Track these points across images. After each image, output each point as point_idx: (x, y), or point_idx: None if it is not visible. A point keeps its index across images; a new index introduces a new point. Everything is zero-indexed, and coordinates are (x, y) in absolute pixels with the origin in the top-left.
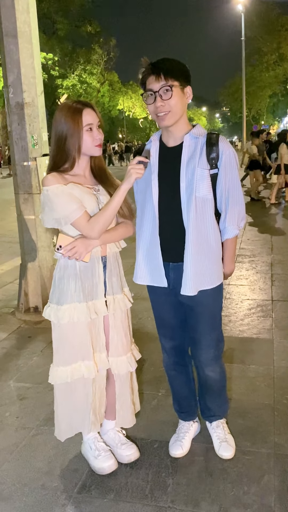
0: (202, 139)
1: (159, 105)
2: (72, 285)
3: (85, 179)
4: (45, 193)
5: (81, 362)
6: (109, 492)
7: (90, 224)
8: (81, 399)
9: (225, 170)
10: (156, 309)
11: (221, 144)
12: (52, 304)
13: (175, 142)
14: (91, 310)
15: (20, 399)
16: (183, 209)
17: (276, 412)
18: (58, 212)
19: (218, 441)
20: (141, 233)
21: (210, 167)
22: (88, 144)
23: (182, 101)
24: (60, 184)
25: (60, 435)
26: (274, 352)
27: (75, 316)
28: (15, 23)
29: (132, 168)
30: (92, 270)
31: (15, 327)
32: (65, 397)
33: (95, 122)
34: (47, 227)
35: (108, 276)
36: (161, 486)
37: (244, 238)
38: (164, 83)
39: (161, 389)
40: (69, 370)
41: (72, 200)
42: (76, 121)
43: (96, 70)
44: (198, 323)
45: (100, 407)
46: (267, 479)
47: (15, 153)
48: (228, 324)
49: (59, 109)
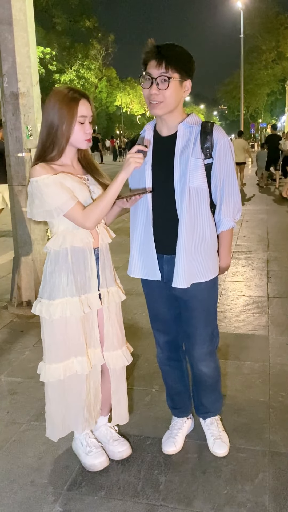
0: (196, 128)
1: (153, 93)
2: (64, 279)
3: (73, 169)
4: (35, 184)
5: (74, 358)
6: (100, 489)
7: (85, 214)
8: (74, 396)
9: (220, 160)
10: (150, 302)
11: (216, 133)
12: (43, 300)
13: (169, 131)
14: (84, 304)
15: (11, 394)
16: (177, 200)
17: (271, 409)
18: (50, 203)
19: (212, 438)
20: (135, 225)
21: (205, 157)
22: (79, 137)
23: (178, 94)
24: (50, 174)
25: (53, 435)
26: (270, 349)
27: (67, 311)
28: (10, 10)
29: (131, 157)
30: (85, 262)
31: (7, 321)
32: (58, 395)
33: (89, 115)
34: (37, 220)
35: (101, 269)
36: (153, 484)
37: (240, 235)
38: (163, 72)
39: (155, 385)
40: (61, 367)
41: (63, 190)
42: (71, 110)
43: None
44: (192, 317)
45: (95, 404)
46: (261, 477)
47: (9, 144)
48: (224, 320)
49: (53, 94)
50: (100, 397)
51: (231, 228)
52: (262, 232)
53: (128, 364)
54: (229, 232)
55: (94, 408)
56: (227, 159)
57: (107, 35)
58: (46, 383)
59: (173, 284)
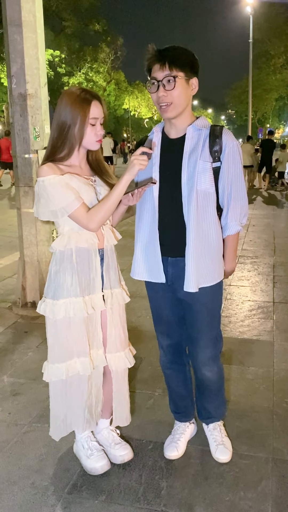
0: (205, 131)
1: (161, 95)
2: (69, 279)
3: (81, 169)
4: (41, 184)
5: (77, 359)
6: (101, 493)
7: (90, 215)
8: (76, 396)
9: (228, 164)
10: (153, 305)
11: (225, 136)
12: (47, 299)
13: (177, 133)
14: (88, 305)
15: (13, 395)
16: (184, 203)
17: (275, 416)
18: (55, 203)
19: (214, 443)
20: (140, 227)
21: (213, 160)
22: (90, 138)
23: (186, 93)
24: (56, 174)
25: (55, 434)
26: (275, 355)
27: (71, 311)
28: (19, 11)
29: (135, 159)
30: (89, 263)
31: (11, 321)
32: (60, 394)
33: (101, 116)
34: (42, 219)
35: (106, 270)
36: (155, 489)
37: (246, 239)
38: (168, 73)
39: (158, 388)
40: (64, 367)
41: (69, 191)
42: (84, 111)
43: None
44: (197, 321)
45: (96, 405)
46: (264, 485)
47: (16, 145)
48: (228, 325)
49: (66, 95)
50: (102, 399)
51: (237, 232)
52: (268, 237)
53: (130, 366)
54: (235, 236)
55: (95, 409)
56: (235, 163)
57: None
58: (49, 382)
59: (185, 288)
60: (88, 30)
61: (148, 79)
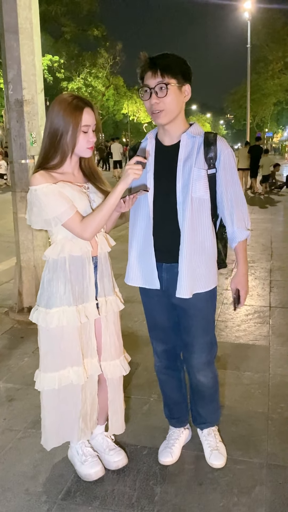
0: (199, 138)
1: (153, 102)
2: (62, 287)
3: (74, 177)
4: (34, 193)
5: (70, 368)
6: (95, 499)
7: (83, 224)
8: (69, 407)
9: (225, 170)
10: (148, 311)
11: (219, 143)
12: (40, 308)
13: (171, 140)
14: (81, 314)
15: (8, 401)
16: (179, 210)
17: (270, 421)
18: (48, 212)
19: (209, 449)
20: (134, 233)
21: (208, 167)
22: (82, 146)
23: (179, 100)
24: (49, 183)
25: (47, 444)
26: (271, 359)
27: (64, 320)
28: (16, 18)
29: (130, 168)
30: (83, 271)
31: (8, 327)
32: (52, 404)
33: (93, 124)
34: (35, 228)
35: (100, 277)
36: (148, 495)
37: None
38: (160, 80)
39: (153, 394)
40: (57, 376)
41: (62, 200)
42: (76, 119)
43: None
44: (191, 326)
45: (91, 414)
46: (258, 490)
47: (13, 150)
48: (224, 330)
49: (57, 102)
50: (97, 408)
51: (246, 239)
52: (266, 241)
53: (126, 374)
54: (244, 244)
55: (90, 418)
56: (232, 169)
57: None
58: (41, 391)
59: (177, 294)
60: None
61: (141, 86)
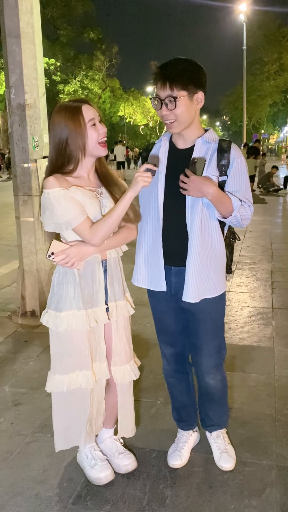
0: (214, 144)
1: (164, 114)
2: (71, 291)
3: (89, 181)
4: (46, 196)
5: (79, 372)
6: (105, 503)
7: (93, 231)
8: (77, 410)
9: (235, 177)
10: (156, 314)
11: (233, 151)
12: (50, 310)
13: (185, 144)
14: (91, 318)
15: (15, 405)
16: (187, 213)
17: (278, 423)
18: (59, 217)
19: (218, 451)
20: (143, 235)
21: (220, 174)
22: (94, 140)
23: (190, 110)
24: (62, 187)
25: (56, 446)
26: (275, 361)
27: (73, 324)
28: (18, 23)
29: (139, 176)
30: (93, 276)
31: (11, 331)
32: (61, 407)
33: (97, 116)
34: (48, 230)
35: (110, 282)
36: (159, 498)
37: (244, 246)
38: (169, 94)
39: (160, 397)
40: (66, 379)
41: (73, 205)
42: (77, 120)
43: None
44: (200, 329)
45: (97, 418)
46: (268, 492)
47: (15, 154)
48: (228, 332)
49: (56, 111)
50: (103, 412)
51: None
52: (266, 243)
53: (135, 378)
54: None
55: (95, 422)
56: (243, 176)
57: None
58: (51, 393)
59: (183, 298)
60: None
61: (154, 95)
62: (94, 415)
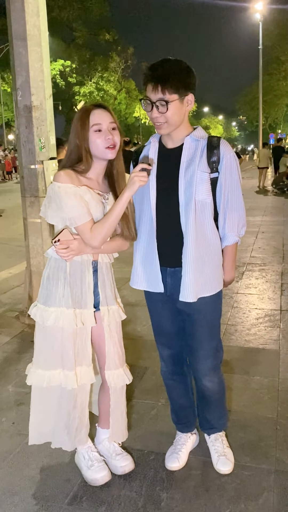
0: (203, 141)
1: (154, 116)
2: (61, 289)
3: (98, 185)
4: (56, 189)
5: (61, 370)
6: (101, 504)
7: (93, 232)
8: (53, 407)
9: (225, 175)
10: (153, 315)
11: (222, 147)
12: (39, 304)
13: (174, 143)
14: (78, 318)
15: (17, 405)
16: (181, 212)
17: (279, 426)
18: (66, 212)
19: (216, 455)
20: (138, 236)
21: (211, 171)
22: (98, 146)
23: (180, 112)
24: (74, 184)
25: (30, 440)
26: (280, 364)
27: (60, 321)
28: (24, 25)
29: (135, 176)
30: (82, 276)
31: (18, 331)
32: (39, 401)
33: (105, 122)
34: (50, 222)
35: (101, 287)
36: (155, 500)
37: (255, 247)
38: (161, 97)
39: (161, 398)
40: (47, 374)
41: (82, 204)
42: (83, 122)
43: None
44: (196, 331)
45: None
46: (265, 497)
47: (22, 156)
48: (234, 334)
49: (76, 114)
50: (87, 423)
51: (236, 243)
52: (277, 244)
53: (129, 382)
54: (233, 247)
55: (76, 432)
56: (232, 174)
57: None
58: (32, 386)
59: (180, 298)
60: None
61: (144, 97)
62: (76, 423)
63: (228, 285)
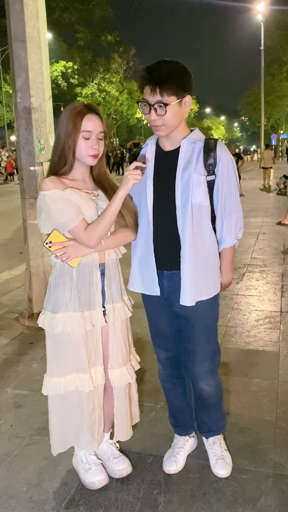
0: (200, 144)
1: (153, 119)
2: (68, 293)
3: (84, 184)
4: (42, 198)
5: (76, 374)
6: (98, 508)
7: (88, 232)
8: (74, 412)
9: (223, 177)
10: (150, 318)
11: (219, 150)
12: (46, 312)
13: (171, 146)
14: (87, 321)
15: (16, 407)
16: (178, 216)
17: (278, 429)
18: (56, 218)
19: (214, 458)
20: (136, 239)
21: (207, 173)
22: (82, 152)
23: (178, 114)
24: (58, 189)
25: (53, 449)
26: (280, 366)
27: (69, 325)
28: (24, 27)
29: (129, 174)
30: (90, 278)
31: (17, 332)
32: (58, 409)
33: (96, 131)
34: (44, 232)
35: (107, 284)
36: (152, 504)
37: (256, 248)
38: (159, 99)
39: (160, 401)
40: (62, 381)
41: (70, 207)
42: (75, 124)
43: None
44: (193, 334)
45: (99, 425)
46: (263, 501)
47: (22, 157)
48: (234, 336)
49: (65, 109)
50: (103, 419)
51: (233, 246)
52: (278, 245)
53: (132, 381)
54: (230, 250)
55: (98, 430)
56: (230, 177)
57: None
58: (48, 396)
59: (181, 302)
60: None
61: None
62: (97, 422)
63: (226, 288)
